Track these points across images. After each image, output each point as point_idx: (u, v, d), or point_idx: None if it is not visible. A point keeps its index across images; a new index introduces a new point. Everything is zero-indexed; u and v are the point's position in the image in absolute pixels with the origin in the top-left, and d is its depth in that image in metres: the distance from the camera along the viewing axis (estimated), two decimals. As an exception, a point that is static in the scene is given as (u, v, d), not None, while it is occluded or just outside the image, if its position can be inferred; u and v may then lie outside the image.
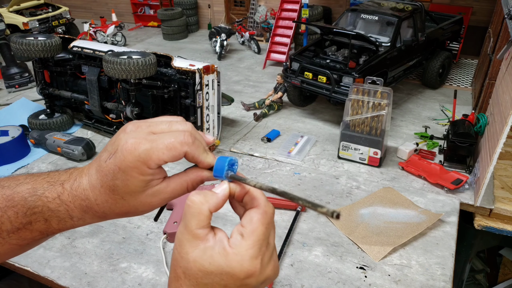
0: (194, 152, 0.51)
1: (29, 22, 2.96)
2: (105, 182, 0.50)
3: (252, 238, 0.45)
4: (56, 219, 0.52)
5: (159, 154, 0.49)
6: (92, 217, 0.53)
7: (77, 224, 0.54)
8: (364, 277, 1.04)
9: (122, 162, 0.49)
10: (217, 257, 0.44)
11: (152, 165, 0.49)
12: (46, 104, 1.85)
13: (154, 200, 0.52)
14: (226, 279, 0.44)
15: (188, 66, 1.49)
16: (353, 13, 1.95)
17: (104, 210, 0.52)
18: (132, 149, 0.49)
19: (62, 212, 0.52)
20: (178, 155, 0.50)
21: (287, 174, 1.48)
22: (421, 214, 1.22)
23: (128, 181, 0.49)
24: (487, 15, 2.45)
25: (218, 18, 3.44)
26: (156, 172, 0.51)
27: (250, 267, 0.44)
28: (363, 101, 1.44)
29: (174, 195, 0.53)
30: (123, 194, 0.50)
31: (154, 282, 1.05)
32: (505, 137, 1.12)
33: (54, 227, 0.53)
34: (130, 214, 0.53)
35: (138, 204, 0.51)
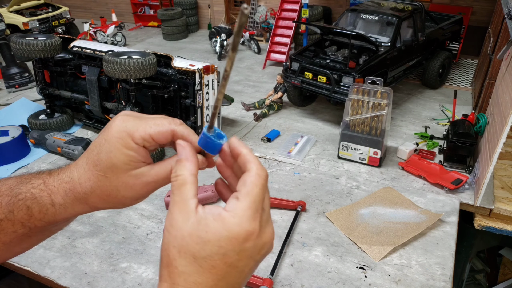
0: (183, 131, 0.51)
1: (29, 22, 2.96)
2: (90, 158, 0.51)
3: (248, 199, 0.43)
4: (38, 206, 0.52)
5: (146, 128, 0.49)
6: (73, 201, 0.52)
7: (58, 212, 0.53)
8: (364, 277, 1.04)
9: (108, 134, 0.50)
10: (213, 224, 0.42)
11: (137, 138, 0.49)
12: (46, 104, 1.85)
13: (137, 183, 0.51)
14: (225, 245, 0.42)
15: (188, 66, 1.49)
16: (353, 13, 1.95)
17: (85, 190, 0.51)
18: (120, 123, 0.50)
19: (45, 198, 0.52)
20: (164, 132, 0.50)
21: (287, 174, 1.48)
22: (421, 214, 1.22)
23: (111, 153, 0.49)
24: (487, 15, 2.46)
25: (218, 18, 3.44)
26: (141, 151, 0.50)
27: (249, 227, 0.42)
28: (363, 101, 1.44)
29: (157, 180, 0.52)
30: (105, 169, 0.50)
31: (154, 282, 1.05)
32: (505, 137, 1.12)
33: (36, 216, 0.52)
34: (111, 199, 0.52)
35: (119, 184, 0.51)
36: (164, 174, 0.52)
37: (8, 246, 0.54)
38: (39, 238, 0.57)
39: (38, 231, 0.55)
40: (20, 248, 0.56)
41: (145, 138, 0.50)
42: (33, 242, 0.57)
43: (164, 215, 1.28)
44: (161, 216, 1.28)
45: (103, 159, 0.50)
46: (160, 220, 1.27)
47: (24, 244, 0.56)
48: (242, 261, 0.43)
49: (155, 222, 1.26)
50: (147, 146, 0.51)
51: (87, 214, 1.29)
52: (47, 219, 0.53)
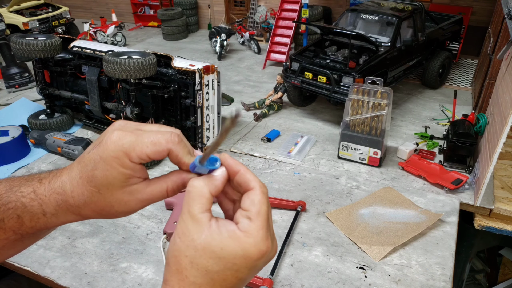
0: (179, 151, 0.50)
1: (29, 22, 2.96)
2: (84, 173, 0.50)
3: (260, 219, 0.45)
4: (28, 215, 0.51)
5: (143, 147, 0.48)
6: (65, 212, 0.51)
7: (50, 221, 0.52)
8: (364, 277, 1.04)
9: (104, 152, 0.48)
10: (228, 241, 0.44)
11: (134, 158, 0.49)
12: (46, 104, 1.85)
13: (131, 199, 0.51)
14: (239, 263, 0.44)
15: (188, 66, 1.49)
16: (353, 13, 1.95)
17: (78, 204, 0.50)
18: (116, 140, 0.48)
19: (35, 207, 0.51)
20: (161, 151, 0.49)
21: (287, 174, 1.48)
22: (421, 214, 1.22)
23: (107, 171, 0.48)
24: (487, 15, 2.46)
25: (218, 18, 3.44)
26: (137, 168, 0.50)
27: (263, 247, 0.45)
28: (363, 101, 1.44)
29: (153, 198, 0.52)
30: (100, 186, 0.49)
31: (154, 282, 1.05)
32: (505, 137, 1.12)
33: (27, 224, 0.52)
34: (104, 212, 0.51)
35: (114, 201, 0.50)
36: (160, 194, 0.52)
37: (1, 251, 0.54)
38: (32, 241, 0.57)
39: (31, 236, 0.54)
40: (14, 251, 0.56)
41: (141, 158, 0.49)
42: (26, 245, 0.57)
43: (164, 215, 1.28)
44: (161, 216, 1.28)
45: (98, 176, 0.49)
46: (160, 220, 1.27)
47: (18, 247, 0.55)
48: (251, 275, 0.46)
49: (155, 222, 1.26)
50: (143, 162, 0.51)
51: (87, 214, 1.29)
52: (38, 226, 0.52)
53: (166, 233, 1.17)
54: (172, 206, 1.28)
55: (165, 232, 1.17)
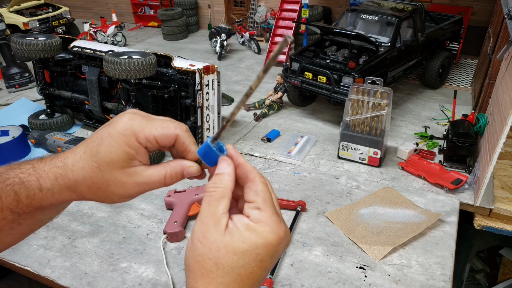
0: (186, 138, 0.52)
1: (29, 22, 2.96)
2: (89, 148, 0.51)
3: (268, 207, 0.47)
4: (25, 191, 0.52)
5: (152, 129, 0.50)
6: (61, 187, 0.52)
7: (45, 197, 0.52)
8: (364, 277, 1.05)
9: (113, 129, 0.50)
10: (247, 234, 0.45)
11: (141, 138, 0.50)
12: (46, 104, 1.85)
13: (128, 181, 0.51)
14: (262, 252, 0.45)
15: (188, 66, 1.49)
16: (353, 13, 1.95)
17: (77, 178, 0.51)
18: (127, 120, 0.51)
19: (33, 182, 0.52)
20: (169, 135, 0.51)
21: (287, 174, 1.48)
22: (421, 214, 1.22)
23: (112, 147, 0.50)
24: (487, 15, 2.46)
25: (218, 18, 3.45)
26: (141, 151, 0.51)
27: (280, 232, 0.46)
28: (363, 101, 1.44)
29: (149, 182, 0.52)
30: (101, 162, 0.50)
31: (154, 282, 1.05)
32: (505, 137, 1.12)
33: (23, 201, 0.52)
34: (99, 192, 0.52)
35: (111, 179, 0.51)
36: (157, 178, 0.52)
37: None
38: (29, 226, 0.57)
39: (27, 218, 0.54)
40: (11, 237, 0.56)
41: (149, 139, 0.51)
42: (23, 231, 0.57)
43: (164, 215, 1.29)
44: (161, 216, 1.28)
45: (102, 152, 0.50)
46: (160, 220, 1.27)
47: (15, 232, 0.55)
48: (273, 262, 0.47)
49: (155, 222, 1.26)
50: (149, 147, 0.52)
51: (88, 214, 1.29)
52: (34, 204, 0.53)
53: (166, 233, 1.17)
54: (172, 206, 1.28)
55: (165, 232, 1.17)
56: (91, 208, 1.33)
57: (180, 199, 1.28)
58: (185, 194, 1.30)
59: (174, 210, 1.24)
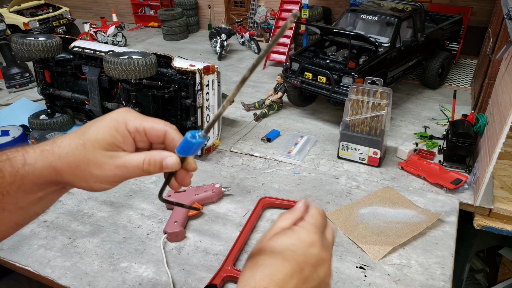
0: (175, 135, 0.56)
1: (29, 22, 2.96)
2: (81, 129, 0.55)
3: (311, 219, 0.57)
4: (9, 167, 0.53)
5: (142, 120, 0.54)
6: (44, 161, 0.54)
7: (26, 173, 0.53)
8: (364, 277, 1.05)
9: (108, 115, 0.55)
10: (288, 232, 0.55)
11: (131, 126, 0.54)
12: (46, 104, 1.86)
13: (108, 162, 0.53)
14: (295, 243, 0.53)
15: (189, 67, 1.49)
16: (352, 14, 1.96)
17: (60, 153, 0.53)
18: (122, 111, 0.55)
19: (18, 158, 0.54)
20: (158, 129, 0.55)
21: (287, 174, 1.48)
22: (421, 214, 1.23)
23: (100, 128, 0.53)
24: (486, 15, 2.46)
25: (218, 19, 3.45)
26: (128, 141, 0.54)
27: (313, 234, 0.54)
28: (362, 101, 1.44)
29: (128, 165, 0.54)
30: (87, 140, 0.53)
31: (155, 281, 1.05)
32: (504, 137, 1.12)
33: (7, 178, 0.53)
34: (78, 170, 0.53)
35: (91, 158, 0.53)
36: (136, 162, 0.54)
37: None
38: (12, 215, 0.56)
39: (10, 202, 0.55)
40: None
41: (138, 129, 0.54)
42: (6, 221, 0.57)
43: (164, 215, 1.29)
44: (161, 216, 1.29)
45: (90, 131, 0.54)
46: (161, 220, 1.27)
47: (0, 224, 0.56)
48: (307, 264, 0.52)
49: (155, 222, 1.26)
50: (137, 139, 0.55)
51: (88, 214, 1.30)
52: (17, 182, 0.54)
53: (166, 232, 1.17)
54: (172, 207, 1.29)
55: (165, 232, 1.17)
56: (92, 208, 1.33)
57: (180, 199, 1.28)
58: (185, 194, 1.30)
59: (174, 210, 1.25)
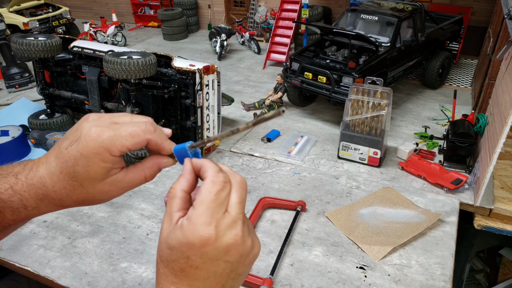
0: (157, 139, 0.53)
1: (29, 22, 2.96)
2: (65, 169, 0.50)
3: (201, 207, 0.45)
4: (9, 210, 0.52)
5: (123, 141, 0.50)
6: (47, 205, 0.53)
7: (31, 213, 0.53)
8: (364, 277, 1.05)
9: (85, 148, 0.49)
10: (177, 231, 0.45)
11: (115, 152, 0.50)
12: (46, 104, 1.85)
13: (112, 189, 0.53)
14: (186, 250, 0.44)
15: (188, 66, 1.49)
16: (353, 13, 1.95)
17: (61, 197, 0.52)
18: (95, 136, 0.50)
19: (16, 202, 0.52)
20: (141, 142, 0.52)
21: (287, 174, 1.48)
22: (421, 214, 1.22)
23: (89, 167, 0.50)
24: (487, 15, 2.46)
25: (218, 18, 3.45)
26: (116, 160, 0.52)
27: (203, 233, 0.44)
28: (363, 101, 1.44)
29: (132, 185, 0.55)
30: (82, 180, 0.51)
31: (154, 282, 1.05)
32: (504, 137, 1.12)
33: (9, 217, 0.52)
34: (86, 202, 0.53)
35: (96, 192, 0.52)
36: (138, 181, 0.55)
37: None
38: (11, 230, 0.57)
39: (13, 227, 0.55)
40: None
41: (122, 151, 0.51)
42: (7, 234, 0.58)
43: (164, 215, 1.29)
44: (161, 216, 1.28)
45: (80, 172, 0.50)
46: (160, 220, 1.27)
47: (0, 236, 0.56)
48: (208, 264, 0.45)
49: (155, 222, 1.26)
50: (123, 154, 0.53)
51: (88, 214, 1.29)
52: (20, 218, 0.53)
53: (166, 233, 1.17)
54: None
55: (165, 232, 1.17)
56: (91, 208, 1.33)
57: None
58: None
59: (174, 210, 1.24)
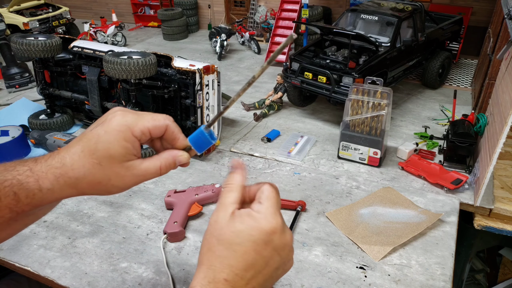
0: (174, 128, 0.59)
1: (29, 22, 2.96)
2: (87, 147, 0.54)
3: (269, 202, 0.54)
4: (25, 192, 0.53)
5: (144, 122, 0.56)
6: (62, 186, 0.54)
7: (45, 197, 0.54)
8: (364, 277, 1.05)
9: (109, 126, 0.55)
10: (246, 218, 0.53)
11: (136, 131, 0.55)
12: (46, 104, 1.85)
13: (127, 174, 0.55)
14: (255, 234, 0.51)
15: (188, 66, 1.49)
16: (353, 13, 1.95)
17: (78, 175, 0.54)
18: (120, 117, 0.56)
19: (32, 183, 0.54)
20: (161, 126, 0.58)
21: (287, 174, 1.48)
22: (421, 214, 1.22)
23: (110, 144, 0.54)
24: (487, 15, 2.46)
25: (218, 18, 3.45)
26: (136, 145, 0.56)
27: (273, 221, 0.53)
28: (363, 101, 1.44)
29: (147, 174, 0.57)
30: (101, 158, 0.53)
31: (155, 282, 1.05)
32: (504, 137, 1.12)
33: (23, 201, 0.54)
34: (100, 186, 0.55)
35: (111, 174, 0.54)
36: (153, 170, 0.58)
37: None
38: (24, 222, 0.58)
39: (25, 215, 0.56)
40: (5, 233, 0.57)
41: (143, 132, 0.56)
42: (18, 227, 0.58)
43: (164, 215, 1.29)
44: (161, 216, 1.28)
45: (101, 149, 0.53)
46: (160, 220, 1.27)
47: (9, 229, 0.57)
48: (267, 251, 0.52)
49: (155, 222, 1.26)
50: (142, 140, 0.57)
51: (88, 214, 1.29)
52: (34, 203, 0.54)
53: (166, 233, 1.17)
54: (172, 206, 1.28)
55: (165, 232, 1.17)
56: (91, 208, 1.33)
57: (180, 199, 1.28)
58: (185, 194, 1.30)
59: (174, 210, 1.24)
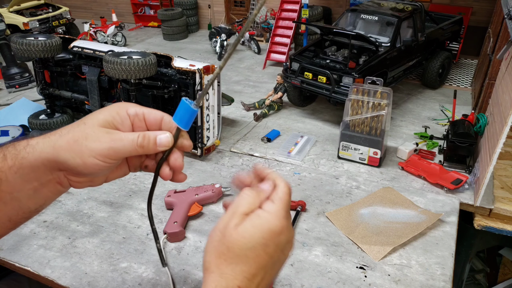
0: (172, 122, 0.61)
1: (29, 22, 2.96)
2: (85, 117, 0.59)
3: (281, 203, 0.54)
4: (13, 150, 0.56)
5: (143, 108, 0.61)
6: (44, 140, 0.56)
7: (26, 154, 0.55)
8: (364, 277, 1.05)
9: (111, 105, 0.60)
10: (257, 220, 0.52)
11: (131, 110, 0.60)
12: (46, 104, 1.85)
13: (105, 136, 0.56)
14: (267, 236, 0.51)
15: (188, 66, 1.49)
16: (353, 13, 1.95)
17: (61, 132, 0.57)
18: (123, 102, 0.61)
19: (22, 142, 0.57)
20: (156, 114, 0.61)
21: (287, 174, 1.48)
22: (421, 214, 1.22)
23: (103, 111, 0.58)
24: (487, 15, 2.46)
25: (218, 18, 3.45)
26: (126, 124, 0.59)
27: (284, 221, 0.53)
28: (363, 101, 1.44)
29: (123, 139, 0.57)
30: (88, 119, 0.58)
31: (154, 282, 1.05)
32: (504, 137, 1.12)
33: (8, 162, 0.55)
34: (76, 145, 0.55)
35: (90, 133, 0.56)
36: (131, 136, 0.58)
37: None
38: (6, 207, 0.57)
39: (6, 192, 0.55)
40: None
41: (137, 113, 0.60)
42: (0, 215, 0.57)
43: (164, 215, 1.29)
44: (161, 216, 1.28)
45: (94, 114, 0.59)
46: (160, 220, 1.27)
47: None
48: (277, 252, 0.52)
49: (155, 222, 1.26)
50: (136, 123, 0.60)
51: (88, 214, 1.29)
52: (16, 166, 0.55)
53: (166, 233, 1.17)
54: (172, 206, 1.28)
55: (165, 232, 1.17)
56: (91, 208, 1.33)
57: (180, 199, 1.28)
58: (185, 194, 1.30)
59: (174, 210, 1.24)
